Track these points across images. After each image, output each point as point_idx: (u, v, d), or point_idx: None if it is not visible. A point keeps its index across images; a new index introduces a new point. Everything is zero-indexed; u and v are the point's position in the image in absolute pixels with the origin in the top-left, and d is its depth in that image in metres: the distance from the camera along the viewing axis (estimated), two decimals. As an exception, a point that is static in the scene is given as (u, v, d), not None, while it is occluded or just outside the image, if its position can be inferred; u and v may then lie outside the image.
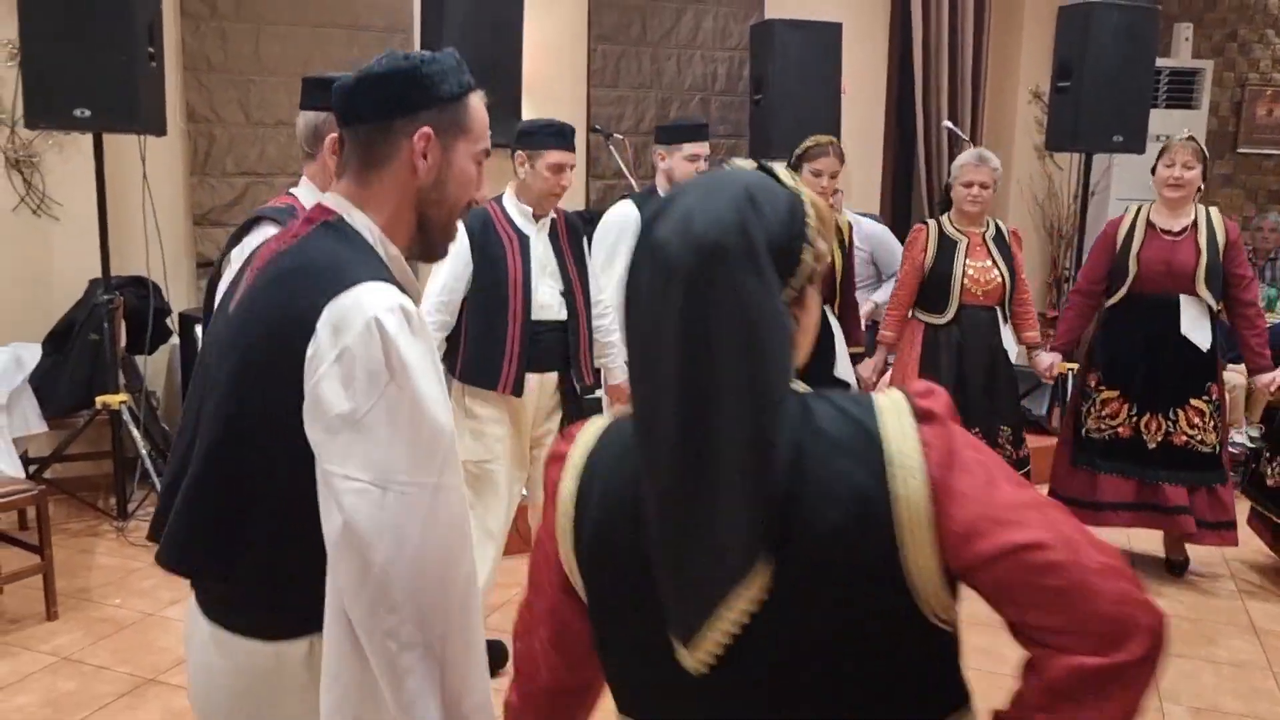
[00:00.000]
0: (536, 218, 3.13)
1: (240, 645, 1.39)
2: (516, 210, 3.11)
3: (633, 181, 5.15)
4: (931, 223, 3.93)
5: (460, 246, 2.98)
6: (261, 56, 5.04)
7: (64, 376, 4.45)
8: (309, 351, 1.26)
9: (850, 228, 3.94)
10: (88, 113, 4.01)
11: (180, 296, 4.89)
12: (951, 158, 6.17)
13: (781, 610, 0.94)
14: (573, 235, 3.23)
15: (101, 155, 4.25)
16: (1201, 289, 3.76)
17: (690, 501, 0.93)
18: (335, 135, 1.81)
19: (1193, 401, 3.84)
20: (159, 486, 4.17)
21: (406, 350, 1.25)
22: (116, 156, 4.41)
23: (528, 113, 5.04)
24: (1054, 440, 5.14)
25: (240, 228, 2.16)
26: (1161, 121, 5.95)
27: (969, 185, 3.81)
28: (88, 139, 4.29)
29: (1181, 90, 6.61)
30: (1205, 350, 3.81)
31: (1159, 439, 3.88)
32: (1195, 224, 3.81)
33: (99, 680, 3.15)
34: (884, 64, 6.36)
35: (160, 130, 4.30)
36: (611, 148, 5.28)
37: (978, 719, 1.03)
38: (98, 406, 4.30)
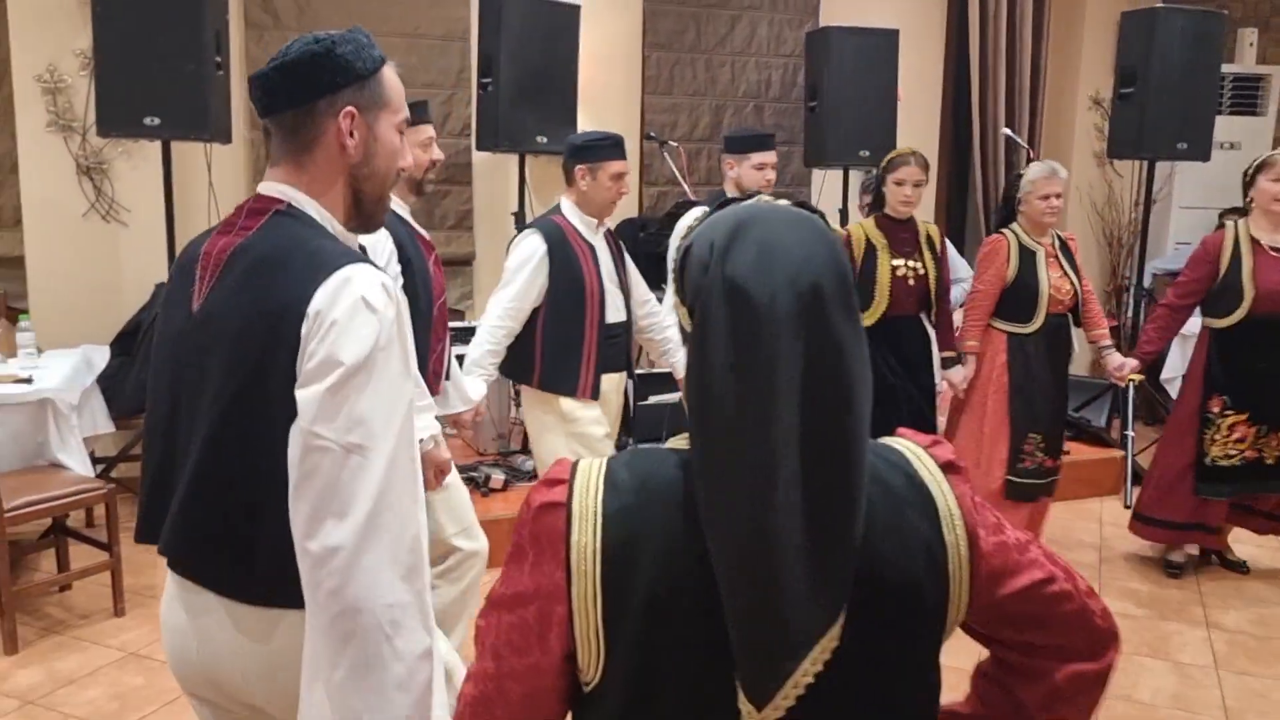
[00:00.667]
0: (598, 226, 3.30)
1: (261, 615, 1.41)
2: (581, 222, 3.25)
3: (686, 188, 5.16)
4: (1009, 234, 3.87)
5: (537, 259, 3.13)
6: (323, 65, 5.12)
7: (130, 378, 4.55)
8: (303, 331, 1.31)
9: (942, 236, 3.92)
10: (157, 121, 4.09)
11: (242, 300, 4.97)
12: (1009, 165, 6.11)
13: (848, 663, 0.93)
14: (616, 241, 3.43)
15: (170, 162, 4.34)
16: None
17: (776, 557, 0.88)
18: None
19: None
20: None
21: (384, 325, 1.32)
22: (182, 163, 4.50)
23: (583, 121, 5.07)
24: (1114, 453, 5.09)
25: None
26: (1226, 129, 5.83)
27: (1046, 198, 3.77)
28: (155, 146, 4.38)
29: (1246, 96, 6.47)
30: None
31: (1278, 453, 3.88)
32: None
33: (165, 676, 3.20)
34: (939, 70, 6.30)
35: (226, 138, 4.37)
36: (666, 155, 5.29)
37: None
38: (163, 407, 4.38)
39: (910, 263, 3.76)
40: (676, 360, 3.49)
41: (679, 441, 1.02)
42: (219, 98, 4.23)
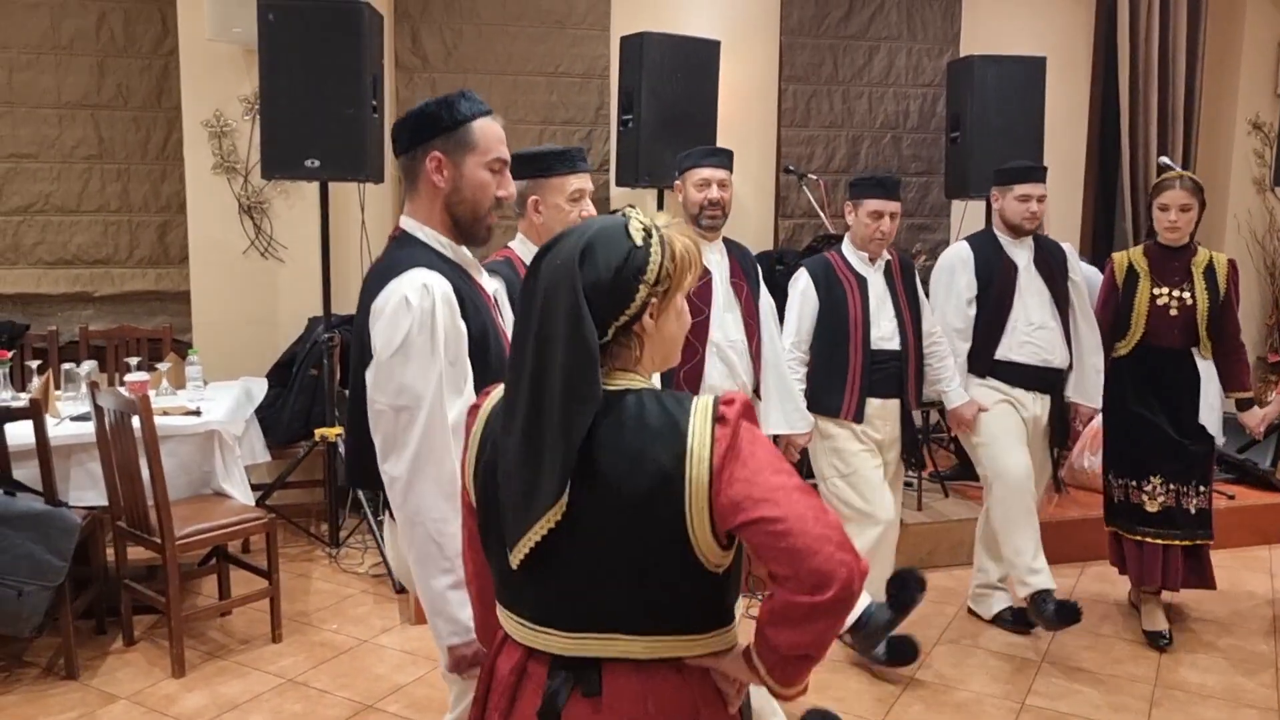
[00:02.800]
0: (871, 260, 3.49)
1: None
2: (855, 256, 3.51)
3: (825, 219, 5.05)
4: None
5: (808, 294, 3.46)
6: (467, 105, 5.21)
7: (285, 409, 4.68)
8: (368, 322, 1.83)
9: (1230, 266, 3.66)
10: (317, 163, 4.22)
11: (389, 334, 5.07)
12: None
13: (576, 532, 1.29)
14: (905, 273, 3.57)
15: (327, 202, 4.46)
16: None
17: (525, 447, 1.30)
18: (536, 198, 2.44)
19: None
20: (368, 515, 4.35)
21: (416, 316, 1.76)
22: (335, 202, 4.63)
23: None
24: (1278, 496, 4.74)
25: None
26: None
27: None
28: (312, 186, 4.52)
29: None
30: None
31: None
32: None
33: (322, 704, 3.24)
34: (1086, 97, 6.04)
35: (379, 178, 4.48)
36: (804, 187, 5.20)
37: (738, 639, 1.39)
38: (316, 438, 4.50)
39: (1176, 292, 3.59)
40: (940, 385, 3.64)
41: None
42: (373, 140, 4.33)
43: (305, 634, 3.75)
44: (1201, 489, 3.64)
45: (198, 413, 3.83)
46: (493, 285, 2.05)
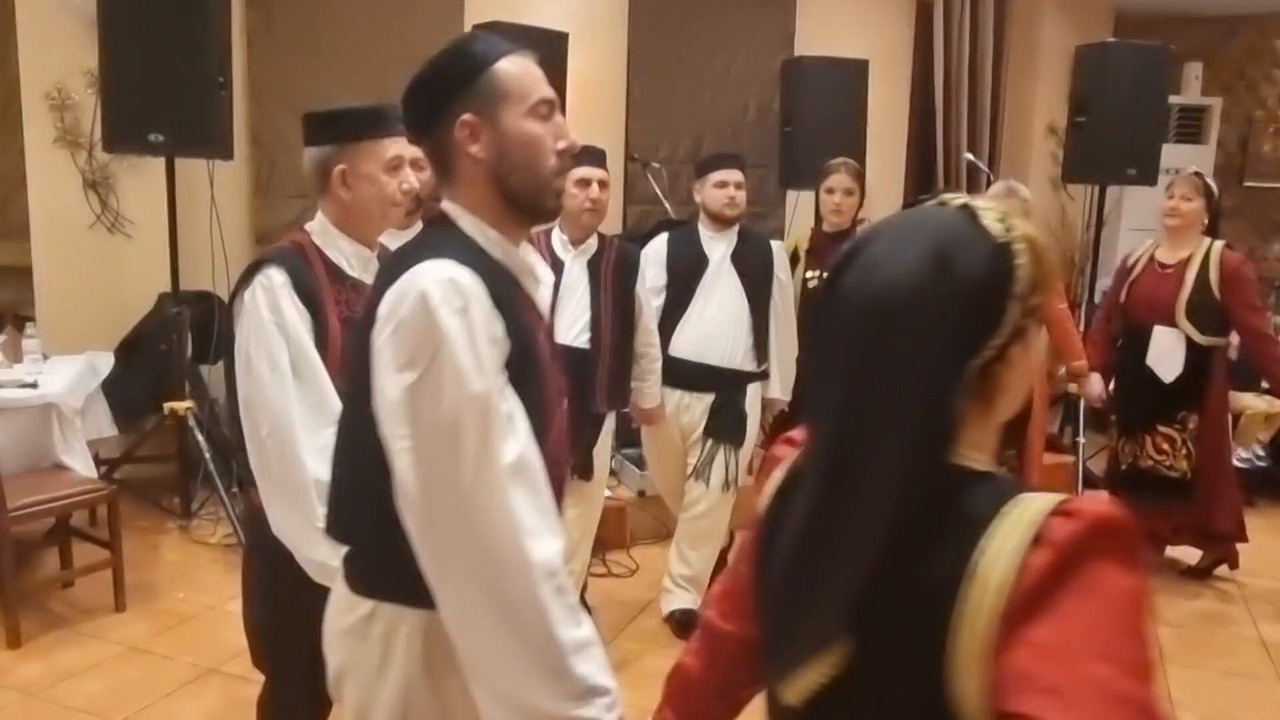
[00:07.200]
0: (575, 244, 3.14)
1: (348, 601, 1.42)
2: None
3: (668, 206, 5.16)
4: None
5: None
6: (321, 85, 5.09)
7: (134, 384, 4.50)
8: (373, 328, 1.30)
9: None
10: (161, 137, 4.06)
11: (242, 310, 4.93)
12: (971, 187, 6.15)
13: (853, 678, 0.88)
14: (620, 268, 3.17)
15: (174, 177, 4.30)
16: (1182, 321, 3.71)
17: (808, 542, 0.87)
18: (343, 168, 1.94)
19: (1160, 427, 3.79)
20: (219, 488, 4.24)
21: (447, 320, 1.24)
22: (185, 178, 4.45)
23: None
24: (1065, 458, 5.11)
25: (246, 272, 1.97)
26: (1172, 155, 5.89)
27: None
28: (160, 161, 4.34)
29: (1191, 126, 6.55)
30: (1169, 382, 3.74)
31: (1129, 461, 3.88)
32: (1191, 258, 3.75)
33: (164, 668, 3.17)
34: (906, 98, 6.34)
35: (228, 154, 4.34)
36: (649, 176, 5.30)
37: None
38: (165, 412, 4.35)
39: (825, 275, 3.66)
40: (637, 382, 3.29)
41: None
42: (222, 116, 4.21)
43: (151, 603, 3.64)
44: None
45: (34, 385, 3.66)
46: (546, 297, 1.49)
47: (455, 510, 1.23)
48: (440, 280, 1.26)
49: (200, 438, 4.32)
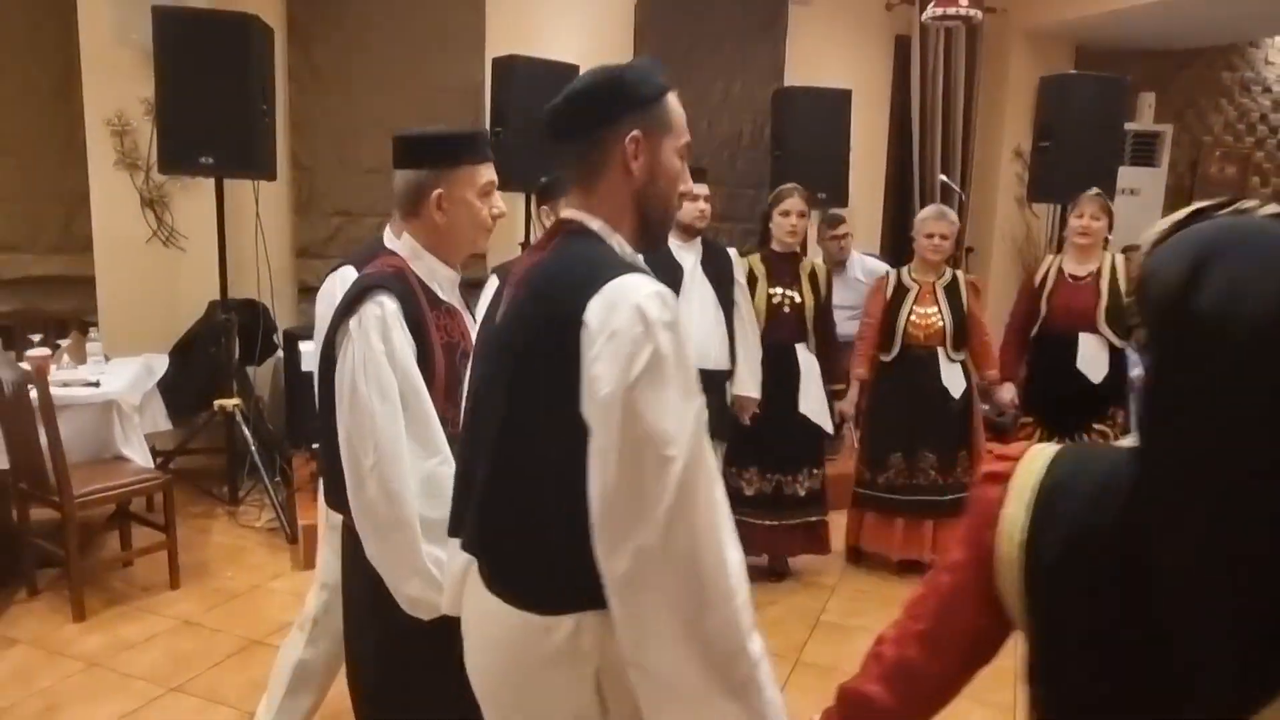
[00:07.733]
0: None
1: (514, 617, 1.28)
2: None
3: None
4: (893, 272, 3.87)
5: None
6: (355, 114, 5.11)
7: (187, 383, 4.53)
8: (582, 339, 1.18)
9: (828, 272, 3.79)
10: (211, 160, 4.10)
11: (285, 316, 4.96)
12: (946, 206, 6.15)
13: None
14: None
15: (222, 196, 4.33)
16: (1103, 328, 3.70)
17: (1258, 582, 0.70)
18: (440, 192, 1.77)
19: (1095, 425, 3.76)
20: (264, 477, 4.25)
21: (663, 334, 1.17)
22: (233, 197, 4.49)
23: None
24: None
25: (354, 297, 1.74)
26: (1128, 177, 5.90)
27: (930, 236, 3.71)
28: (210, 182, 4.37)
29: (1145, 150, 6.55)
30: (1099, 382, 3.71)
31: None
32: (1100, 270, 3.74)
33: (214, 640, 3.19)
34: (885, 123, 6.36)
35: (272, 176, 4.38)
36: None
37: None
38: (215, 409, 4.37)
39: (788, 291, 3.61)
40: None
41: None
42: (266, 141, 4.24)
43: (202, 581, 3.66)
44: (814, 471, 3.70)
45: (97, 384, 3.69)
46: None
47: (668, 515, 1.14)
48: (650, 295, 1.19)
49: (247, 432, 4.34)
